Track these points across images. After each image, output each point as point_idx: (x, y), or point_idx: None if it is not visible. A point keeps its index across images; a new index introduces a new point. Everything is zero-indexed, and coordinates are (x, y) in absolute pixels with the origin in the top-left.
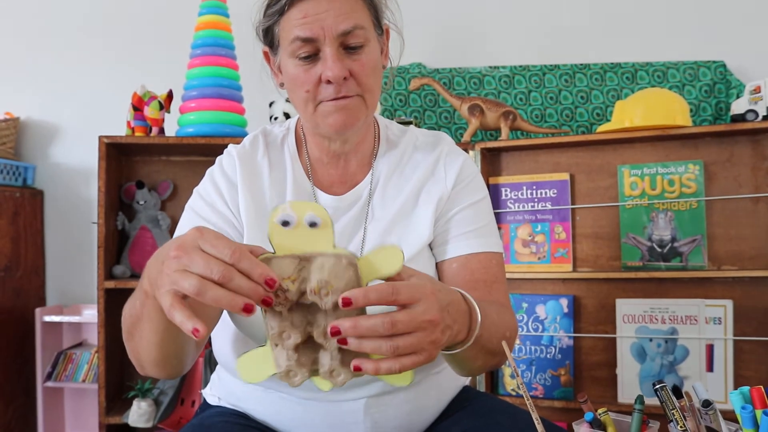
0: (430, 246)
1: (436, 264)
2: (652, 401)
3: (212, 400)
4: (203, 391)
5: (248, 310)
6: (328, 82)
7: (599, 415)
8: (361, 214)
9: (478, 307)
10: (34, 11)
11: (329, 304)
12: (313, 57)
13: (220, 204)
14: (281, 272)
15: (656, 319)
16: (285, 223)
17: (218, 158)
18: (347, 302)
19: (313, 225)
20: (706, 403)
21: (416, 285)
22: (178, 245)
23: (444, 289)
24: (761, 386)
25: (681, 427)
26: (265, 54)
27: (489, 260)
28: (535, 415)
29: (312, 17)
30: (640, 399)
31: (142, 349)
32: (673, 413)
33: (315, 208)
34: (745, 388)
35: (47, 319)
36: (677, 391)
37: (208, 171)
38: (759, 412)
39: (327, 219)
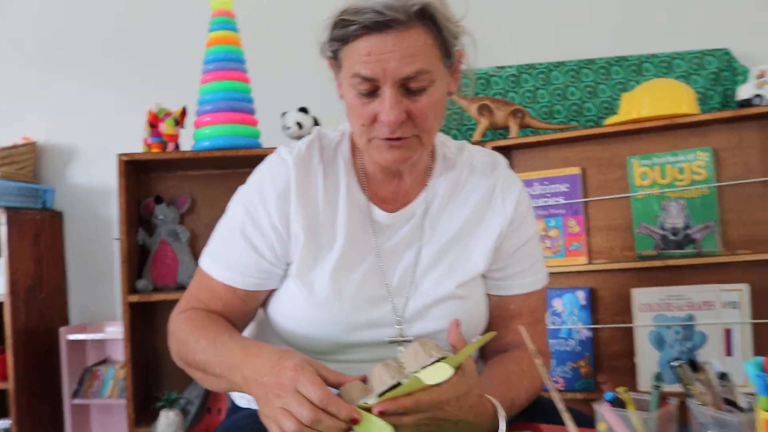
0: (483, 275)
1: (492, 295)
2: (671, 388)
3: (242, 403)
4: (232, 394)
5: None
6: None
7: (619, 393)
8: (413, 234)
9: (503, 411)
10: (45, 34)
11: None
12: (372, 93)
13: (263, 216)
14: (353, 396)
15: (673, 306)
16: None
17: (268, 162)
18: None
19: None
20: (723, 375)
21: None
22: (278, 384)
23: (468, 394)
24: None
25: (699, 401)
26: (331, 62)
27: (537, 300)
28: (560, 405)
29: (375, 56)
30: (657, 376)
31: (200, 381)
32: (690, 389)
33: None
34: (760, 358)
35: (71, 337)
36: (694, 365)
37: (258, 172)
38: None
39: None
